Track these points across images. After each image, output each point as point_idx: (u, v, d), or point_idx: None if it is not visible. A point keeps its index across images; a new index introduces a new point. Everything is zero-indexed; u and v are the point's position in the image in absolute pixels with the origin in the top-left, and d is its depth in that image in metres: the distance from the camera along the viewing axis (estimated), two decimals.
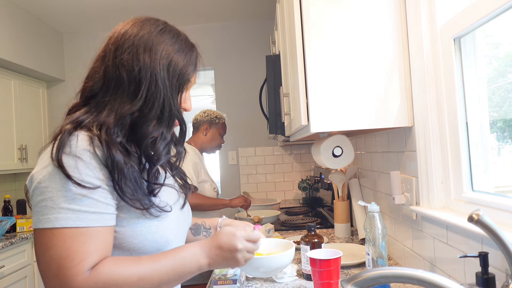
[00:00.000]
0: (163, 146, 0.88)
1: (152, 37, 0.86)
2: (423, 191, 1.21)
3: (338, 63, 1.26)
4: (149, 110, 0.84)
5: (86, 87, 0.87)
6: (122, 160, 0.79)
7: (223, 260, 0.85)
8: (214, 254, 0.84)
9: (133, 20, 0.90)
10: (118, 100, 0.83)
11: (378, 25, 1.26)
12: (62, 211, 0.73)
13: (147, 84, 0.83)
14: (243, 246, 0.85)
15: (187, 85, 0.91)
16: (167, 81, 0.85)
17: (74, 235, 0.73)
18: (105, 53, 0.87)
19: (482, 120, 1.06)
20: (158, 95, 0.84)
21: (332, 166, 1.52)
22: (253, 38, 3.82)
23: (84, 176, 0.74)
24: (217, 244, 0.85)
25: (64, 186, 0.74)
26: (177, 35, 0.90)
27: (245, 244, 0.86)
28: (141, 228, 0.82)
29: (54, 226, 0.72)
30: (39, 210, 0.74)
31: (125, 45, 0.85)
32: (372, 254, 1.21)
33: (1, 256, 2.54)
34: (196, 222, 1.13)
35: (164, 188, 0.90)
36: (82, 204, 0.74)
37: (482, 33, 1.06)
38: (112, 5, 3.31)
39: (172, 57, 0.87)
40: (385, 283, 0.61)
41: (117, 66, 0.84)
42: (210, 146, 2.54)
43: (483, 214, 0.70)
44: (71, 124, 0.80)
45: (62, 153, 0.75)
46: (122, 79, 0.83)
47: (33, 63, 3.40)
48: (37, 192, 0.75)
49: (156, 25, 0.89)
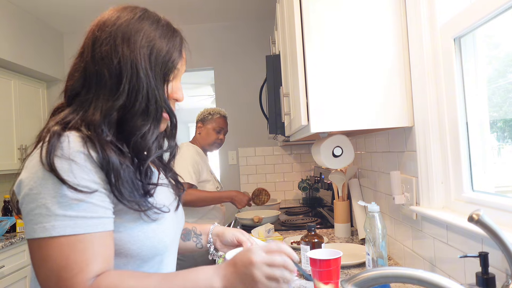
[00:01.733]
0: (152, 141, 0.81)
1: (130, 26, 0.80)
2: (423, 191, 1.21)
3: (338, 63, 1.26)
4: (133, 104, 0.78)
5: (68, 86, 0.83)
6: (118, 161, 0.74)
7: (239, 279, 0.72)
8: (229, 273, 0.73)
9: (110, 10, 0.85)
10: (101, 96, 0.78)
11: (378, 25, 1.26)
12: (58, 218, 0.68)
13: (128, 76, 0.78)
14: (260, 258, 0.72)
15: (174, 73, 0.85)
16: (149, 71, 0.79)
17: (72, 243, 0.68)
18: (83, 49, 0.82)
19: (482, 120, 1.06)
20: (141, 87, 0.78)
21: (332, 166, 1.52)
22: (253, 38, 3.82)
23: (79, 180, 0.70)
24: (231, 262, 0.75)
25: (58, 191, 0.68)
26: (157, 21, 0.84)
27: (263, 256, 0.73)
28: (139, 233, 0.78)
29: (51, 235, 0.67)
30: (32, 219, 0.69)
31: (102, 37, 0.80)
32: (372, 254, 1.21)
33: (1, 256, 2.54)
34: (186, 227, 1.09)
35: (160, 190, 0.87)
36: (79, 209, 0.69)
37: (482, 33, 1.06)
38: (112, 5, 3.30)
39: (153, 44, 0.80)
40: (385, 283, 0.61)
41: (96, 60, 0.79)
42: (207, 143, 2.50)
43: (483, 214, 0.70)
44: (58, 125, 0.75)
45: (54, 156, 0.70)
46: (103, 73, 0.78)
47: (33, 63, 3.40)
48: (28, 200, 0.70)
49: (134, 13, 0.83)
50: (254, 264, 0.72)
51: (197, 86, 6.06)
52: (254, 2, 3.45)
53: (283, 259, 0.74)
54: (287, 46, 1.64)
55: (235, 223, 2.65)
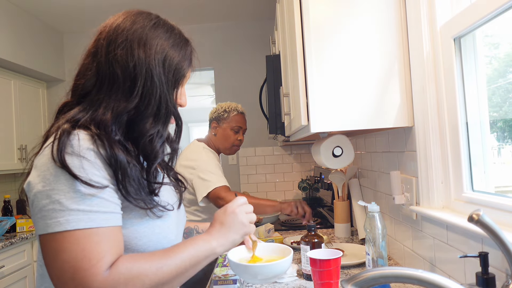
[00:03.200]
0: (160, 144, 0.85)
1: (146, 32, 0.83)
2: (423, 191, 1.21)
3: (338, 63, 1.26)
4: (146, 107, 0.81)
5: (78, 85, 0.84)
6: (125, 159, 0.77)
7: (229, 229, 0.87)
8: (218, 229, 0.87)
9: (124, 14, 0.86)
10: (113, 97, 0.80)
11: (378, 25, 1.26)
12: (73, 212, 0.70)
13: (142, 80, 0.80)
14: (238, 208, 0.90)
15: (183, 81, 0.89)
16: (163, 77, 0.83)
17: (88, 235, 0.70)
18: (96, 49, 0.84)
19: (482, 120, 1.06)
20: (155, 91, 0.81)
21: (332, 166, 1.52)
22: (253, 38, 3.82)
23: (91, 176, 0.72)
24: (215, 220, 0.89)
25: (72, 187, 0.71)
26: (171, 30, 0.87)
27: (233, 202, 0.91)
28: (145, 229, 0.81)
29: (66, 229, 0.69)
30: (45, 215, 0.70)
31: (118, 40, 0.81)
32: (372, 254, 1.21)
33: (1, 256, 2.54)
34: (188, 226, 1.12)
35: (164, 188, 0.90)
36: (92, 204, 0.71)
37: (482, 33, 1.06)
38: (112, 5, 3.30)
39: (167, 52, 0.84)
40: (385, 283, 0.61)
41: (111, 62, 0.81)
42: (223, 146, 2.20)
43: (483, 214, 0.70)
44: (68, 123, 0.77)
45: (65, 153, 0.72)
46: (117, 75, 0.80)
47: (33, 63, 3.40)
48: (41, 196, 0.71)
49: (149, 19, 0.86)
50: (235, 212, 0.89)
51: (197, 86, 6.06)
52: (254, 2, 3.45)
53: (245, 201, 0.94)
54: (287, 46, 1.64)
55: None
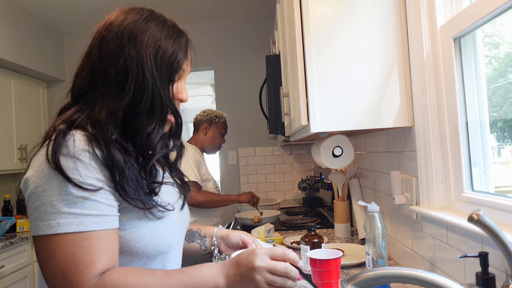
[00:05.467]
0: (157, 140, 0.83)
1: (137, 26, 0.81)
2: (423, 191, 1.21)
3: (338, 63, 1.26)
4: (139, 103, 0.79)
5: (75, 86, 0.84)
6: (122, 159, 0.75)
7: (241, 280, 0.73)
8: (232, 273, 0.75)
9: (117, 11, 0.86)
10: (107, 95, 0.79)
11: (378, 25, 1.26)
12: (63, 215, 0.69)
13: (134, 76, 0.79)
14: (263, 264, 0.73)
15: (179, 74, 0.86)
16: (155, 71, 0.80)
17: (77, 240, 0.69)
18: (90, 49, 0.83)
19: (482, 120, 1.06)
20: (147, 86, 0.79)
21: (332, 166, 1.52)
22: (253, 38, 3.82)
23: (84, 178, 0.71)
24: (235, 262, 0.76)
25: (64, 189, 0.70)
26: (163, 22, 0.85)
27: (266, 262, 0.73)
28: (144, 230, 0.79)
29: (56, 232, 0.69)
30: (37, 216, 0.70)
31: (109, 37, 0.81)
32: (372, 254, 1.21)
33: (1, 256, 2.54)
34: (191, 228, 1.10)
35: (165, 189, 0.87)
36: (84, 207, 0.70)
37: (482, 33, 1.06)
38: (112, 5, 3.29)
39: (159, 45, 0.81)
40: (385, 283, 0.61)
41: (103, 59, 0.80)
42: (210, 146, 2.53)
43: (483, 214, 0.70)
44: (64, 124, 0.77)
45: (60, 154, 0.71)
46: (109, 73, 0.79)
47: (33, 63, 3.40)
48: (34, 197, 0.71)
49: (140, 14, 0.84)
50: (256, 269, 0.73)
51: (197, 86, 6.06)
52: (254, 2, 3.45)
53: (286, 266, 0.74)
54: (287, 46, 1.64)
55: (235, 223, 2.65)
